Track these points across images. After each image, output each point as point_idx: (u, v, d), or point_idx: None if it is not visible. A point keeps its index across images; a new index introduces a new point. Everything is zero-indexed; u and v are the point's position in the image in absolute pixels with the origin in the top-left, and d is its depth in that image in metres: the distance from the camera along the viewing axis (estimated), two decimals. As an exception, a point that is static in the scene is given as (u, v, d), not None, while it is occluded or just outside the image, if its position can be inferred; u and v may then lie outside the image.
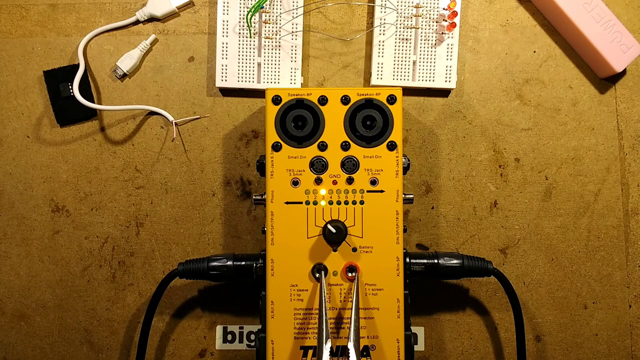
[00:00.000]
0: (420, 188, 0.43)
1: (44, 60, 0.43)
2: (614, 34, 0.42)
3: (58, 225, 0.43)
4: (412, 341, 0.36)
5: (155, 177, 0.43)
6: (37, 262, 0.43)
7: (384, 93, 0.36)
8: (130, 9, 0.43)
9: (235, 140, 0.43)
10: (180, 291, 0.42)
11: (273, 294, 0.35)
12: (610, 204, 0.43)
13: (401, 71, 0.42)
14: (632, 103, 0.44)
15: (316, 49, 0.43)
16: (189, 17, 0.44)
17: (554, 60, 0.44)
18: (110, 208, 0.43)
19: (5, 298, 0.43)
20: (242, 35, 0.42)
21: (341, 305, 0.35)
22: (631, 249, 0.43)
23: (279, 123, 0.36)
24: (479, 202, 0.43)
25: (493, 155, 0.43)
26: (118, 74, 0.43)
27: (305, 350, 0.35)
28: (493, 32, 0.44)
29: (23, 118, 0.43)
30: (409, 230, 0.43)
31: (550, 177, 0.43)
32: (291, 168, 0.36)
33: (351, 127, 0.36)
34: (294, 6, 0.42)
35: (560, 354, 0.43)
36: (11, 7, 0.43)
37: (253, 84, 0.42)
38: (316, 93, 0.36)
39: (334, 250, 0.35)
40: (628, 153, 0.44)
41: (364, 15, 0.44)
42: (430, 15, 0.42)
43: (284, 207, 0.36)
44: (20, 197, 0.43)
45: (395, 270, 0.35)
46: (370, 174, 0.36)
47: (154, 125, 0.43)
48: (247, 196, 0.43)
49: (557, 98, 0.44)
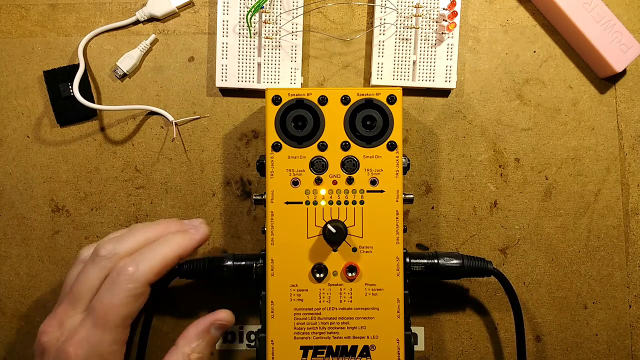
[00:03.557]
0: (420, 188, 0.43)
1: (44, 60, 0.43)
2: (614, 34, 0.42)
3: (58, 225, 0.43)
4: (412, 341, 0.36)
5: (155, 177, 0.43)
6: (37, 262, 0.43)
7: (384, 93, 0.36)
8: (130, 9, 0.43)
9: (235, 140, 0.43)
10: (180, 291, 0.42)
11: (273, 294, 0.35)
12: (610, 204, 0.43)
13: (401, 71, 0.42)
14: (632, 103, 0.44)
15: (316, 49, 0.43)
16: (189, 17, 0.44)
17: (554, 60, 0.44)
18: (110, 208, 0.43)
19: (5, 298, 0.43)
20: (242, 35, 0.42)
21: (341, 305, 0.35)
22: (631, 249, 0.43)
23: (279, 123, 0.36)
24: (479, 202, 0.43)
25: (493, 155, 0.43)
26: (118, 74, 0.43)
27: (305, 350, 0.35)
28: (493, 32, 0.44)
29: (23, 118, 0.43)
30: (409, 230, 0.43)
31: (550, 177, 0.43)
32: (291, 168, 0.36)
33: (351, 127, 0.36)
34: (294, 6, 0.42)
35: (560, 354, 0.43)
36: (11, 7, 0.43)
37: (253, 84, 0.42)
38: (316, 93, 0.36)
39: (334, 250, 0.35)
40: (628, 153, 0.44)
41: (364, 15, 0.44)
42: (430, 15, 0.42)
43: (284, 207, 0.36)
44: (20, 197, 0.43)
45: (395, 270, 0.35)
46: (370, 174, 0.36)
47: (154, 125, 0.43)
48: (247, 196, 0.43)
49: (557, 98, 0.44)
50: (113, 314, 0.32)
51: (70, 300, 0.33)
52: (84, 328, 0.32)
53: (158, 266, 0.33)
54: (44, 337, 0.33)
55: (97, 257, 0.34)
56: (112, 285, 0.32)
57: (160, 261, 0.33)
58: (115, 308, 0.32)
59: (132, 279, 0.32)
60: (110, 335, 0.32)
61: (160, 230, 0.36)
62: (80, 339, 0.32)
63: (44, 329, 0.33)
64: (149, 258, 0.33)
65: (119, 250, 0.34)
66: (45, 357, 0.32)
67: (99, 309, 0.32)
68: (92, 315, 0.32)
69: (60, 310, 0.33)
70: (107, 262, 0.33)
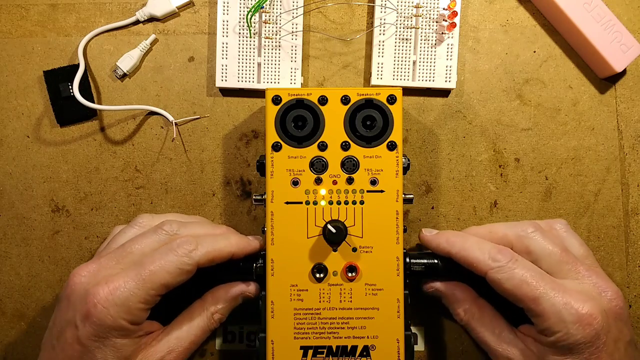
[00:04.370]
0: (420, 188, 0.43)
1: (44, 60, 0.43)
2: (614, 34, 0.42)
3: (58, 225, 0.43)
4: (412, 341, 0.36)
5: (155, 177, 0.43)
6: (37, 262, 0.43)
7: (384, 93, 0.36)
8: (130, 9, 0.43)
9: (235, 140, 0.43)
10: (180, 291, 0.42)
11: (273, 294, 0.35)
12: (610, 204, 0.43)
13: (401, 71, 0.42)
14: (632, 103, 0.44)
15: (316, 49, 0.43)
16: (189, 17, 0.44)
17: (554, 60, 0.44)
18: (110, 208, 0.43)
19: (5, 298, 0.43)
20: (242, 35, 0.42)
21: (341, 305, 0.35)
22: (631, 249, 0.43)
23: (279, 123, 0.36)
24: (479, 202, 0.43)
25: (493, 155, 0.43)
26: (118, 74, 0.43)
27: (305, 350, 0.35)
28: (493, 32, 0.44)
29: (23, 118, 0.43)
30: (409, 230, 0.43)
31: (550, 177, 0.43)
32: (291, 168, 0.36)
33: (351, 127, 0.36)
34: (294, 6, 0.42)
35: (560, 354, 0.43)
36: (11, 7, 0.44)
37: (253, 84, 0.42)
38: (316, 93, 0.36)
39: (334, 250, 0.36)
40: (628, 153, 0.44)
41: (364, 15, 0.44)
42: (430, 15, 0.42)
43: (284, 207, 0.36)
44: (20, 197, 0.43)
45: (395, 270, 0.35)
46: (370, 174, 0.36)
47: (154, 125, 0.43)
48: (247, 196, 0.43)
49: (557, 98, 0.44)
50: (158, 275, 0.33)
51: (116, 255, 0.35)
52: (124, 278, 0.33)
53: (213, 254, 0.35)
54: (76, 278, 0.34)
55: (161, 229, 0.36)
56: (169, 252, 0.34)
57: (217, 250, 0.35)
58: (162, 272, 0.33)
59: (188, 254, 0.34)
60: (144, 294, 0.33)
61: (222, 230, 0.39)
62: (116, 285, 0.33)
63: (78, 272, 0.34)
64: (209, 244, 0.35)
65: (182, 233, 0.36)
66: (71, 298, 0.33)
67: (147, 266, 0.33)
68: (137, 269, 0.33)
69: (103, 261, 0.35)
70: (167, 238, 0.35)
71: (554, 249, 0.36)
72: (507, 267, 0.34)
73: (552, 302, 0.33)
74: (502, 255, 0.35)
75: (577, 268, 0.35)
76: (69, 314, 0.33)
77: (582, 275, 0.35)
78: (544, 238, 0.36)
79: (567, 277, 0.35)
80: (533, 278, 0.34)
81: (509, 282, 0.34)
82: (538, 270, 0.35)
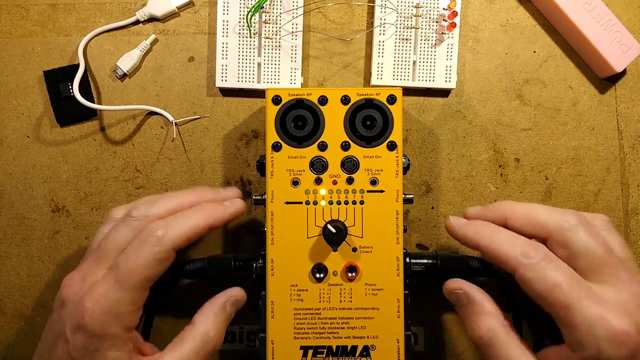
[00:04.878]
0: (420, 188, 0.43)
1: (44, 60, 0.43)
2: (614, 34, 0.42)
3: (58, 225, 0.43)
4: (412, 341, 0.36)
5: (155, 177, 0.43)
6: (37, 262, 0.43)
7: (384, 93, 0.36)
8: (130, 9, 0.43)
9: (235, 140, 0.43)
10: (180, 291, 0.42)
11: (273, 294, 0.35)
12: (610, 204, 0.43)
13: (401, 71, 0.42)
14: (632, 103, 0.44)
15: (316, 49, 0.43)
16: (189, 17, 0.44)
17: (554, 60, 0.44)
18: (110, 208, 0.43)
19: (5, 298, 0.43)
20: (242, 35, 0.42)
21: (341, 305, 0.35)
22: (631, 249, 0.43)
23: (279, 123, 0.36)
24: (479, 202, 0.43)
25: (493, 155, 0.43)
26: (118, 74, 0.43)
27: (305, 350, 0.35)
28: (493, 32, 0.44)
29: (23, 118, 0.43)
30: (409, 230, 0.43)
31: (550, 177, 0.43)
32: (291, 168, 0.36)
33: (351, 127, 0.36)
34: (294, 6, 0.42)
35: (560, 354, 0.43)
36: (11, 7, 0.44)
37: (253, 84, 0.42)
38: (316, 93, 0.36)
39: (334, 250, 0.35)
40: (628, 153, 0.44)
41: (364, 15, 0.44)
42: (430, 15, 0.42)
43: (284, 207, 0.36)
44: (20, 197, 0.43)
45: (395, 270, 0.35)
46: (370, 174, 0.36)
47: (154, 125, 0.43)
48: (247, 196, 0.43)
49: (557, 98, 0.44)
50: (135, 274, 0.32)
51: (95, 257, 0.34)
52: (105, 284, 0.32)
53: (187, 233, 0.33)
54: (65, 289, 0.33)
55: (129, 217, 0.34)
56: (139, 246, 0.32)
57: (190, 228, 0.33)
58: (139, 268, 0.32)
59: (159, 242, 0.32)
60: (128, 295, 0.32)
61: (195, 198, 0.36)
62: (98, 294, 0.31)
63: (66, 282, 0.33)
64: (180, 224, 0.33)
65: (152, 213, 0.34)
66: (64, 309, 0.32)
67: (122, 267, 0.32)
68: (114, 272, 0.32)
69: (85, 265, 0.34)
70: (138, 224, 0.34)
71: (596, 248, 0.32)
72: (540, 265, 0.31)
73: (586, 313, 0.29)
74: (535, 252, 0.32)
75: (619, 273, 0.31)
76: (59, 327, 0.32)
77: (623, 282, 0.31)
78: (588, 233, 0.32)
79: (606, 282, 0.31)
80: (567, 282, 0.30)
81: (539, 284, 0.31)
82: (574, 274, 0.31)
